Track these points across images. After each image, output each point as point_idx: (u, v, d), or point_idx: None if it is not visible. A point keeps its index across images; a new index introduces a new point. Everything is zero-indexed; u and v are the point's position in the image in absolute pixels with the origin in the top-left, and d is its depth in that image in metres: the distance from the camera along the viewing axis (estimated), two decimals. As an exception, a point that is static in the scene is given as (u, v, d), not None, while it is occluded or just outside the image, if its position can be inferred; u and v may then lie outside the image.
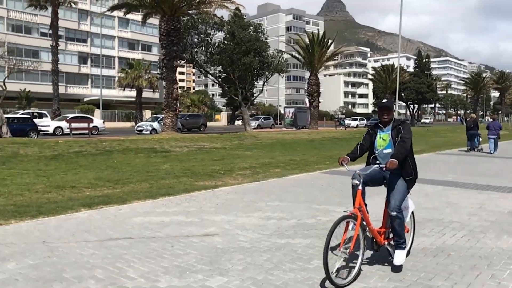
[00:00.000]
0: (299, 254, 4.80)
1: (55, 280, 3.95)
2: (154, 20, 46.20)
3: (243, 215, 6.59)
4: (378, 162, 4.38)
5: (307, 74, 52.13)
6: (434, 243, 5.27)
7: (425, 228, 5.97)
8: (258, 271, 4.25)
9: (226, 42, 36.27)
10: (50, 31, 42.40)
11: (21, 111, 36.84)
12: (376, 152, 4.49)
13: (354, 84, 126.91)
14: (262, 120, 53.53)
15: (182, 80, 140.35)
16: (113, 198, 7.62)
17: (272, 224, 6.06)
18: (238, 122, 68.50)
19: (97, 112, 47.21)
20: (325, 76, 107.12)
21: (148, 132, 32.09)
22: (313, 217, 6.48)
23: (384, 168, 4.18)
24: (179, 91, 27.86)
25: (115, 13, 38.23)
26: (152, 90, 52.04)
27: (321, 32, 44.92)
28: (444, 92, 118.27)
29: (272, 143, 22.67)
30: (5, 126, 22.80)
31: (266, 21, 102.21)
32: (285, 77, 77.69)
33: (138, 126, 33.82)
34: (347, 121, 59.18)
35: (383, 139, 4.47)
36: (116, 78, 58.83)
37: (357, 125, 60.02)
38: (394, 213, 4.21)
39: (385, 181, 4.49)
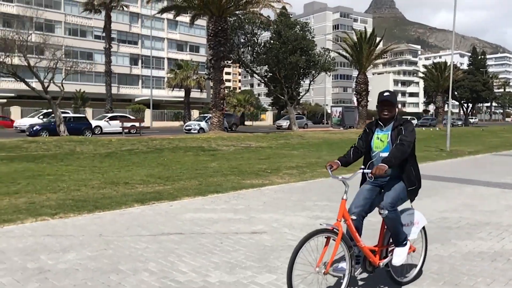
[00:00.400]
0: (348, 254, 4.74)
1: (112, 271, 4.13)
2: (202, 21, 47.11)
3: (290, 213, 6.59)
4: (362, 167, 3.66)
5: (355, 73, 51.28)
6: (492, 247, 5.04)
7: (482, 231, 5.71)
8: (306, 270, 4.23)
9: (272, 41, 36.36)
10: (103, 34, 44.26)
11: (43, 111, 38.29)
12: (372, 154, 3.81)
13: (404, 83, 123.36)
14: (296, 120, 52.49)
15: (229, 80, 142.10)
16: (164, 195, 7.84)
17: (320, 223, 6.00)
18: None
19: (147, 112, 48.70)
20: (373, 74, 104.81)
21: (196, 131, 32.74)
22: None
23: (369, 175, 3.49)
24: (226, 91, 28.22)
25: (164, 15, 39.33)
26: (199, 90, 52.99)
27: (369, 30, 44.02)
28: (501, 90, 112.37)
29: (318, 142, 22.49)
30: (63, 125, 24.04)
31: (313, 20, 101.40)
32: (332, 76, 76.60)
33: (186, 125, 34.57)
34: (396, 121, 57.56)
35: (380, 140, 3.78)
36: (165, 79, 60.43)
37: (407, 124, 58.24)
38: (385, 212, 3.58)
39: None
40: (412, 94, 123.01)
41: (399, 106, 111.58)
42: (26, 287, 3.73)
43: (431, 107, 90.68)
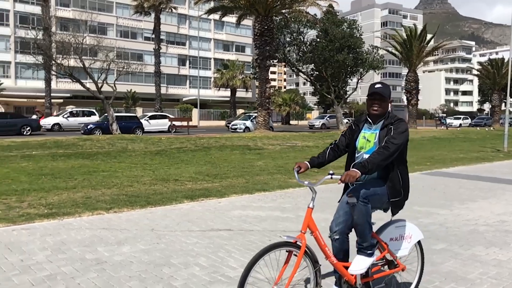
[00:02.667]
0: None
1: (164, 265, 4.25)
2: (248, 21, 47.47)
3: (339, 213, 6.50)
4: (331, 172, 3.05)
5: (404, 71, 49.88)
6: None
7: (545, 236, 5.39)
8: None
9: (318, 39, 36.05)
10: (153, 36, 45.56)
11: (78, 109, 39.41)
12: (356, 155, 3.28)
13: (456, 81, 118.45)
14: (328, 119, 47.55)
15: (274, 80, 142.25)
16: (213, 192, 7.98)
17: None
18: (332, 121, 67.64)
19: (195, 111, 49.68)
20: (424, 72, 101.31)
21: (241, 130, 33.04)
22: (414, 219, 6.20)
23: (339, 182, 2.92)
24: (271, 90, 28.31)
25: (211, 16, 40.00)
26: (245, 89, 53.45)
27: (420, 26, 42.63)
28: None
29: (366, 142, 22.05)
30: (115, 124, 25.00)
31: (360, 17, 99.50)
32: (381, 74, 74.98)
33: (232, 124, 34.96)
34: (449, 120, 55.34)
35: (367, 140, 3.24)
36: (212, 79, 61.43)
37: (460, 124, 55.96)
38: (354, 200, 3.07)
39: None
40: (465, 93, 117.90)
41: (451, 105, 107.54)
42: (85, 276, 3.92)
43: (486, 106, 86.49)
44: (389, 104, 3.29)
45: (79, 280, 3.84)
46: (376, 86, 3.22)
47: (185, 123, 31.88)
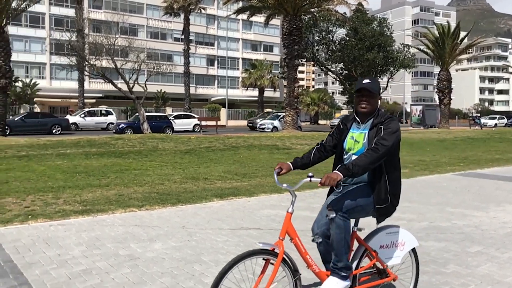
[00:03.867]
0: (433, 257, 4.55)
1: (195, 262, 4.31)
2: (276, 21, 47.34)
3: (369, 213, 6.43)
4: (310, 175, 2.82)
5: (436, 69, 48.73)
6: None
7: None
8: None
9: (348, 38, 35.73)
10: (182, 36, 46.16)
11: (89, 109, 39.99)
12: (344, 157, 3.08)
13: (491, 79, 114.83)
14: None
15: (302, 79, 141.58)
16: (242, 190, 8.03)
17: (402, 225, 5.79)
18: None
19: (223, 111, 50.02)
20: (457, 71, 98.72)
21: (269, 129, 33.05)
22: (447, 220, 6.06)
23: (319, 184, 2.71)
24: (300, 89, 28.20)
25: (239, 16, 40.24)
26: (273, 89, 53.40)
27: (453, 24, 41.53)
28: None
29: (396, 142, 21.67)
30: (146, 123, 25.45)
31: (391, 15, 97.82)
32: (412, 73, 73.47)
33: (260, 124, 35.02)
34: (483, 120, 53.74)
35: (355, 140, 3.02)
36: (240, 79, 61.73)
37: (496, 124, 54.25)
38: (332, 214, 2.89)
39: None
40: (501, 92, 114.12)
41: (485, 104, 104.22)
42: (119, 271, 4.02)
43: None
44: (379, 101, 3.05)
45: (113, 275, 3.94)
46: (364, 82, 2.99)
47: (213, 123, 32.15)
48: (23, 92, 46.07)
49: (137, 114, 28.01)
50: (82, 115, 33.91)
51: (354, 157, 2.97)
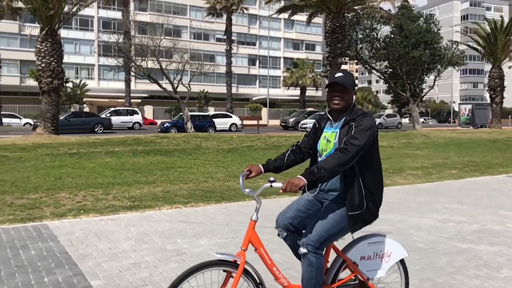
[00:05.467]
0: (485, 261, 4.37)
1: (240, 258, 4.35)
2: (318, 19, 46.93)
3: (416, 215, 6.26)
4: (271, 179, 2.61)
5: (487, 67, 46.68)
6: None
7: None
8: (437, 274, 4.01)
9: (393, 36, 34.79)
10: (225, 37, 46.70)
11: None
12: (319, 159, 2.78)
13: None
14: (385, 118, 43.77)
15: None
16: (285, 190, 8.01)
17: (451, 227, 5.62)
18: (404, 120, 65.09)
19: (264, 111, 50.14)
20: (510, 68, 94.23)
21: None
22: (500, 224, 5.80)
23: (280, 191, 2.46)
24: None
25: (281, 15, 40.25)
26: (315, 88, 52.97)
27: (506, 18, 39.59)
28: None
29: (445, 142, 20.95)
30: (190, 122, 25.95)
31: (438, 11, 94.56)
32: (460, 70, 70.76)
33: (302, 123, 34.81)
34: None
35: (327, 140, 2.74)
36: (281, 78, 61.68)
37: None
38: (304, 250, 2.61)
39: None
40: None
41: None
42: (166, 266, 4.13)
43: None
44: (353, 96, 2.75)
45: (161, 269, 4.05)
46: (336, 75, 2.70)
47: (254, 122, 32.30)
48: (73, 92, 48.16)
49: (181, 113, 28.60)
50: (108, 114, 34.31)
51: None
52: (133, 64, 27.39)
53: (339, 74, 2.70)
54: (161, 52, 27.63)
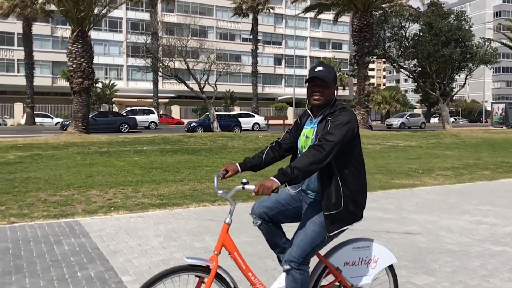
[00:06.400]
0: (521, 264, 4.23)
1: (267, 257, 4.35)
2: (345, 18, 46.54)
3: (447, 216, 6.13)
4: (244, 181, 2.47)
5: (520, 64, 45.03)
6: None
7: None
8: (470, 276, 3.91)
9: (422, 34, 34.12)
10: (251, 36, 46.80)
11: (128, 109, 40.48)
12: (299, 155, 2.60)
13: None
14: (408, 117, 42.01)
15: (372, 77, 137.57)
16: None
17: (484, 230, 5.47)
18: (433, 120, 63.74)
19: (290, 110, 50.00)
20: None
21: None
22: (537, 226, 5.61)
23: (253, 193, 2.31)
24: (370, 87, 27.47)
25: (307, 14, 40.06)
26: (342, 87, 52.45)
27: (541, 14, 38.22)
28: None
29: (476, 142, 20.42)
30: (216, 122, 26.13)
31: (469, 8, 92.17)
32: (493, 69, 68.76)
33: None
34: None
35: (306, 137, 2.61)
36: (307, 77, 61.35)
37: None
38: (287, 267, 2.52)
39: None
40: None
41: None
42: (195, 263, 4.17)
43: None
44: (335, 92, 2.60)
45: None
46: (316, 70, 2.55)
47: (280, 122, 32.27)
48: (102, 92, 49.22)
49: (207, 113, 28.85)
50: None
51: None
52: (160, 64, 27.79)
53: (319, 68, 2.56)
54: (188, 52, 27.92)
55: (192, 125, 29.28)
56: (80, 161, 11.92)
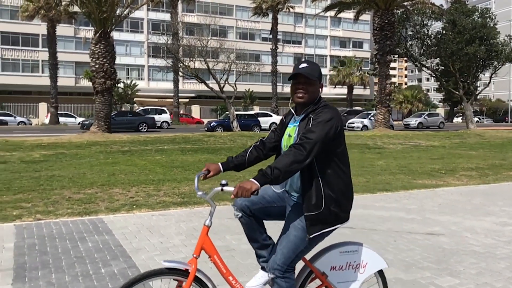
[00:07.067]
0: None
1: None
2: (366, 16, 46.03)
3: (471, 217, 6.01)
4: (223, 182, 2.41)
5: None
6: None
7: None
8: (496, 278, 3.84)
9: (445, 32, 33.51)
10: (270, 36, 46.73)
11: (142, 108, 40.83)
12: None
13: None
14: (426, 117, 40.52)
15: (394, 76, 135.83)
16: (332, 189, 7.92)
17: (510, 231, 5.34)
18: (457, 119, 62.55)
19: (310, 109, 49.76)
20: None
21: (359, 128, 32.24)
22: None
23: (232, 196, 2.25)
24: (392, 86, 27.12)
25: (328, 13, 39.84)
26: (363, 86, 51.96)
27: None
28: None
29: (502, 143, 19.95)
30: (236, 121, 26.21)
31: (494, 5, 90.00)
32: (518, 67, 67.03)
33: (349, 122, 34.29)
34: None
35: (289, 135, 2.55)
36: (328, 76, 60.93)
37: None
38: (271, 276, 2.48)
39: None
40: None
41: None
42: (216, 261, 4.19)
43: None
44: (320, 89, 2.51)
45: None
46: (300, 66, 2.46)
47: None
48: (124, 92, 49.88)
49: (227, 112, 28.97)
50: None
51: None
52: (181, 64, 28.03)
53: (303, 65, 2.47)
54: (208, 52, 28.09)
55: (212, 124, 29.45)
56: (102, 160, 12.12)
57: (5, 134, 22.05)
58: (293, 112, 2.59)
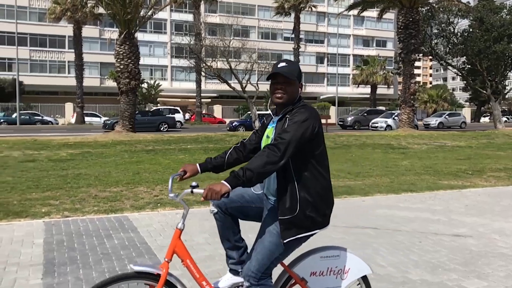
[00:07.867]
0: None
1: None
2: (390, 15, 45.38)
3: (500, 219, 5.87)
4: (193, 184, 2.32)
5: None
6: None
7: None
8: (526, 282, 3.74)
9: (472, 29, 32.75)
10: (292, 35, 46.62)
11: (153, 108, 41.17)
12: None
13: None
14: (447, 117, 38.93)
15: (418, 75, 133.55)
16: (356, 190, 7.86)
17: (541, 234, 5.19)
18: (484, 119, 61.07)
19: (332, 109, 49.43)
20: None
21: (382, 128, 31.84)
22: None
23: (202, 198, 2.18)
24: (416, 86, 26.68)
25: (350, 12, 39.52)
26: (386, 86, 51.31)
27: None
28: None
29: (532, 143, 19.43)
30: (258, 121, 26.26)
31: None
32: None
33: (373, 122, 33.88)
34: None
35: (267, 136, 2.48)
36: (351, 76, 60.45)
37: None
38: (246, 284, 2.37)
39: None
40: None
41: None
42: (240, 260, 4.21)
43: None
44: (299, 89, 2.45)
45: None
46: (279, 66, 2.38)
47: (323, 121, 31.97)
48: (148, 92, 50.58)
49: (249, 112, 29.05)
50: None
51: None
52: (203, 64, 28.24)
53: (282, 64, 2.40)
54: (230, 52, 28.23)
55: (234, 124, 29.58)
56: (127, 158, 12.33)
57: (33, 133, 22.67)
58: (270, 112, 2.55)
